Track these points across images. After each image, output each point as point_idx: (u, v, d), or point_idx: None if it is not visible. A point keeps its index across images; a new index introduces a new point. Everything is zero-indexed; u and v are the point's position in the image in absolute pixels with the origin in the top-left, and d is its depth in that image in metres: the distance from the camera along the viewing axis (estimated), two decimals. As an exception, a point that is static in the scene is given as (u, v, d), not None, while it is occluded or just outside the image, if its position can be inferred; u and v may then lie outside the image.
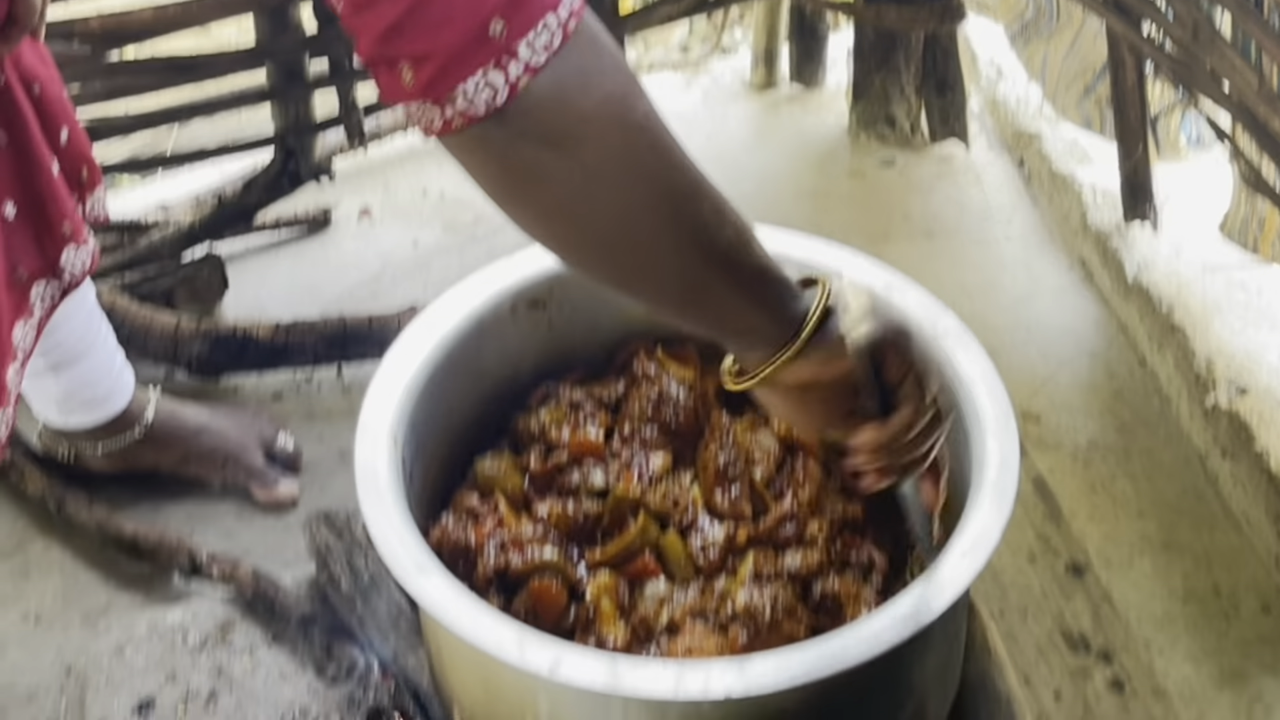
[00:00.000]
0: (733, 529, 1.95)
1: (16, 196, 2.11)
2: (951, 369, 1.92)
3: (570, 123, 1.30)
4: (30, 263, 2.16)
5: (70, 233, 2.21)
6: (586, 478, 2.00)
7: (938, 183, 3.73)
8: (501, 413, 2.08)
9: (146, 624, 2.40)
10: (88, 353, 2.55)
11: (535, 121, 1.28)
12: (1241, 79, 2.57)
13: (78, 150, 2.38)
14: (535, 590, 1.88)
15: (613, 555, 1.92)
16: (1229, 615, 2.55)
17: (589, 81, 1.30)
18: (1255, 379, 2.74)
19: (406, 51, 1.24)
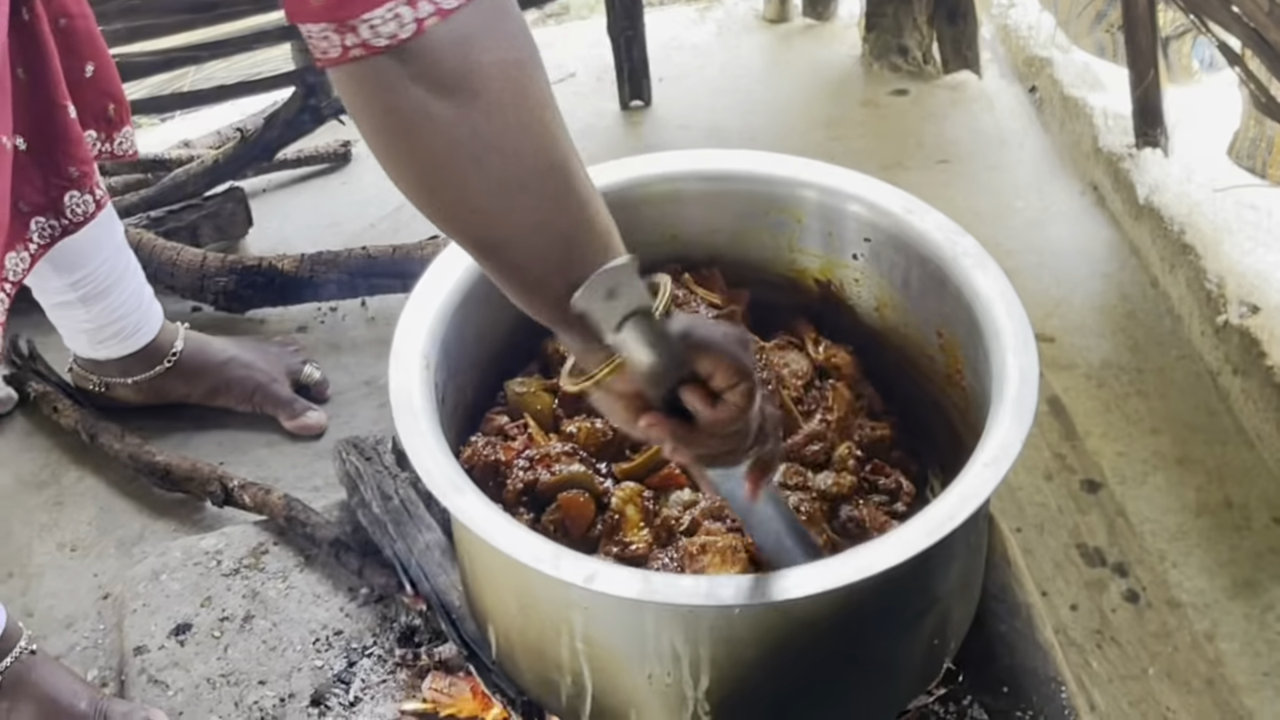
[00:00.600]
0: None
1: (27, 132, 2.14)
2: (970, 289, 1.95)
3: (468, 74, 1.27)
4: (33, 197, 2.19)
5: (77, 177, 2.24)
6: None
7: (950, 110, 3.75)
8: (530, 338, 2.11)
9: (181, 551, 2.43)
10: (117, 284, 2.59)
11: (433, 65, 1.25)
12: (1251, 2, 2.58)
13: (104, 86, 2.41)
14: (564, 503, 1.91)
15: (639, 466, 1.96)
16: (1241, 528, 2.58)
17: (493, 40, 1.28)
18: (1265, 297, 2.77)
19: None
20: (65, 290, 2.55)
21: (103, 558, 2.59)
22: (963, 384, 2.03)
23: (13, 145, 2.09)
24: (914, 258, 2.07)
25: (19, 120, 2.16)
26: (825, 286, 2.23)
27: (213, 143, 3.48)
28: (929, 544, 1.62)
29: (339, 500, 2.44)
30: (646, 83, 3.80)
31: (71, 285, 2.54)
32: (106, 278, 2.57)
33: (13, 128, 2.11)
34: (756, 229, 2.22)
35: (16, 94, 2.14)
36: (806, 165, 2.18)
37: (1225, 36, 2.78)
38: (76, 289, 2.55)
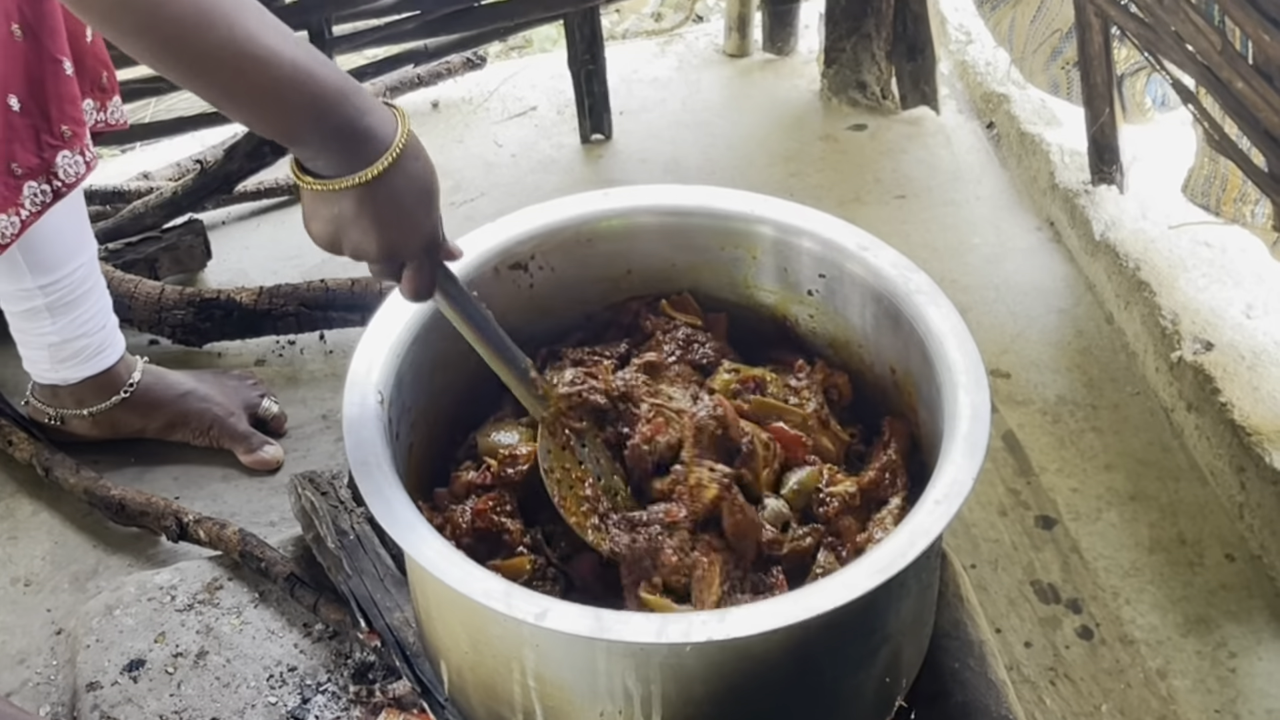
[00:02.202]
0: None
1: (22, 91, 2.14)
2: (923, 325, 1.96)
3: None
4: (26, 159, 2.20)
5: (70, 136, 2.24)
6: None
7: (908, 145, 3.77)
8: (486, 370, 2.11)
9: (135, 586, 2.42)
10: (85, 298, 2.60)
11: None
12: (1205, 41, 2.61)
13: (100, 54, 2.43)
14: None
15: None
16: (1194, 564, 2.60)
17: None
18: (1219, 334, 2.79)
19: None
20: (35, 294, 2.54)
21: (56, 592, 2.58)
22: (917, 421, 2.04)
23: (4, 105, 2.10)
24: (868, 294, 2.08)
25: (13, 79, 2.16)
26: (781, 322, 2.24)
27: (172, 175, 3.47)
28: (879, 582, 1.63)
29: (294, 535, 2.44)
30: (607, 116, 3.81)
31: (43, 289, 2.54)
32: (78, 288, 2.58)
33: (5, 87, 2.12)
34: (712, 264, 2.23)
35: (12, 52, 2.15)
36: (762, 201, 2.19)
37: (1179, 74, 2.80)
38: (47, 294, 2.54)
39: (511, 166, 3.74)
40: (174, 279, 3.19)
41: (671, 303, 2.22)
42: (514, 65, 4.25)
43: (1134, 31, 2.89)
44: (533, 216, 2.18)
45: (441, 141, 3.80)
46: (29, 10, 2.18)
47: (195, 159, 3.47)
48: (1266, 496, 2.53)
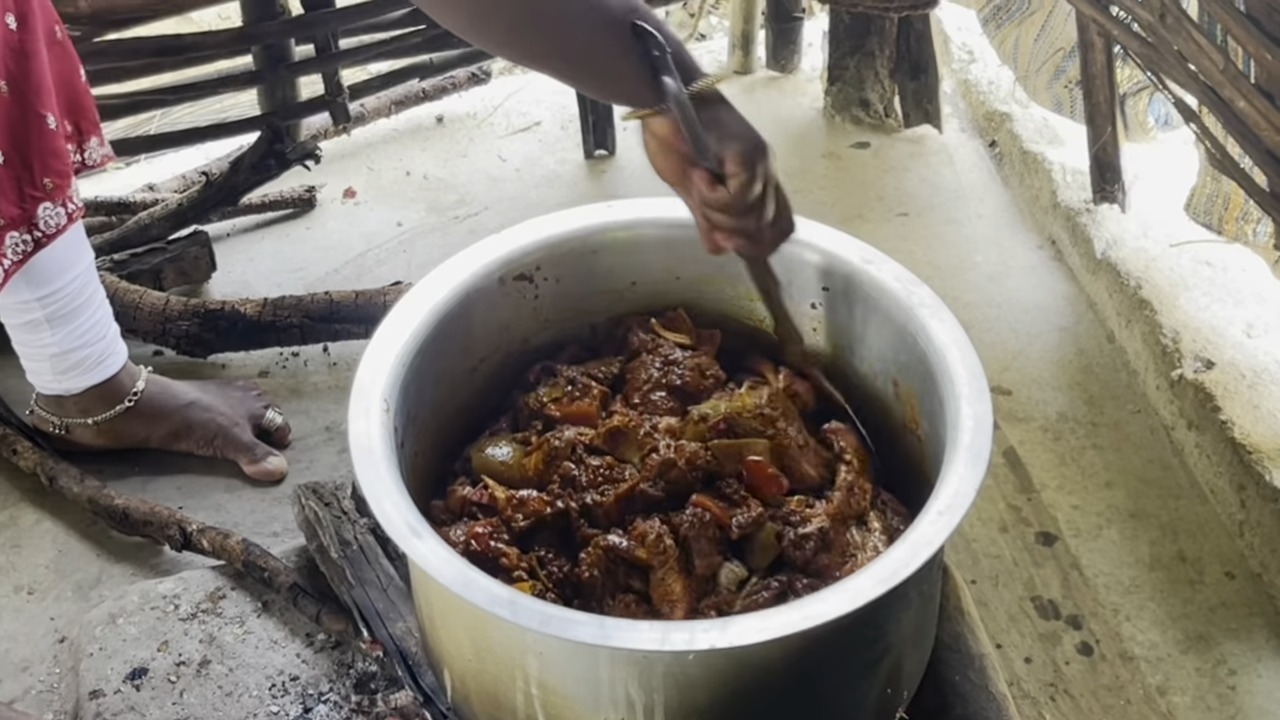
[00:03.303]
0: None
1: (5, 144, 2.15)
2: (926, 338, 1.97)
3: None
4: (8, 210, 2.20)
5: (51, 189, 2.25)
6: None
7: (911, 163, 3.78)
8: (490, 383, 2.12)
9: (139, 594, 2.42)
10: (84, 307, 2.60)
11: None
12: (1207, 60, 2.62)
13: (84, 98, 2.44)
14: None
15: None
16: (1194, 582, 2.61)
17: None
18: (1220, 353, 2.80)
19: None
20: (34, 307, 2.55)
21: (60, 601, 2.58)
22: (919, 434, 2.04)
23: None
24: (871, 307, 2.08)
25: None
26: (784, 335, 2.24)
27: (178, 186, 3.48)
28: (882, 592, 1.63)
29: (298, 545, 2.44)
30: (610, 132, 3.82)
31: (40, 301, 2.54)
32: (75, 298, 2.58)
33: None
34: (716, 277, 2.23)
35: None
36: (766, 218, 2.20)
37: (1181, 94, 2.82)
38: (45, 305, 2.55)
39: (516, 181, 3.75)
40: (179, 290, 3.20)
41: (665, 320, 2.22)
42: (518, 81, 4.26)
43: (1136, 51, 2.91)
44: (538, 228, 2.18)
45: (446, 156, 3.82)
46: (14, 65, 2.19)
47: (201, 171, 3.49)
48: (1266, 515, 2.54)
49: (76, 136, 2.47)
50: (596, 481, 1.98)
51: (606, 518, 1.95)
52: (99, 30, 3.16)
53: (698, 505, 1.93)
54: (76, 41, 3.06)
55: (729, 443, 2.03)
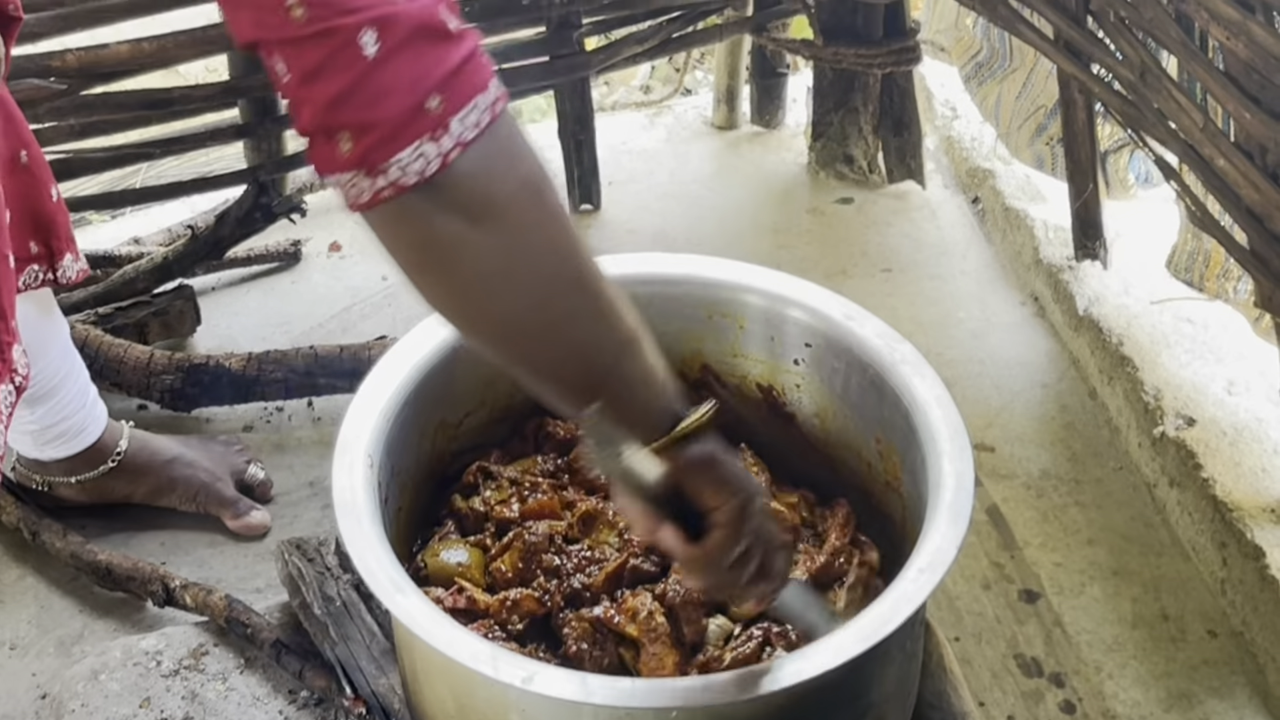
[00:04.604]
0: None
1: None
2: (908, 395, 1.98)
3: (493, 198, 1.34)
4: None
5: (15, 329, 2.22)
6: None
7: (894, 219, 3.80)
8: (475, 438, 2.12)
9: (121, 650, 2.41)
10: (62, 385, 2.59)
11: (461, 193, 1.32)
12: (1187, 118, 2.64)
13: (64, 206, 2.42)
14: None
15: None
16: (1176, 640, 2.60)
17: (512, 162, 1.36)
18: (1201, 410, 2.81)
19: (349, 121, 1.27)
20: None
21: (42, 657, 2.57)
22: (901, 490, 2.05)
23: None
24: (854, 364, 2.10)
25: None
26: (768, 392, 2.25)
27: (163, 240, 3.48)
28: (864, 649, 1.64)
29: (281, 602, 2.43)
30: (596, 187, 3.84)
31: None
32: (52, 379, 2.56)
33: None
34: (701, 333, 2.24)
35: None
36: (749, 270, 2.21)
37: (1162, 151, 2.84)
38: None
39: (501, 236, 3.75)
40: (163, 344, 3.20)
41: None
42: (505, 136, 4.27)
43: (1117, 108, 2.92)
44: (522, 285, 2.19)
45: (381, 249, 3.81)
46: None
47: (186, 224, 3.49)
48: (1248, 573, 2.54)
49: (48, 257, 2.43)
50: (582, 565, 1.99)
51: (594, 599, 1.96)
52: (86, 83, 3.17)
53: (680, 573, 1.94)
54: (63, 94, 3.09)
55: None
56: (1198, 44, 2.58)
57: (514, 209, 1.36)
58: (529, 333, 1.46)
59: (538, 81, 3.66)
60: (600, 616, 1.91)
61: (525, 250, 1.38)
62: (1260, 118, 2.41)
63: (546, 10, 3.51)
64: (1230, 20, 2.39)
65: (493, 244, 1.36)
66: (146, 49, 3.07)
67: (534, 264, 1.40)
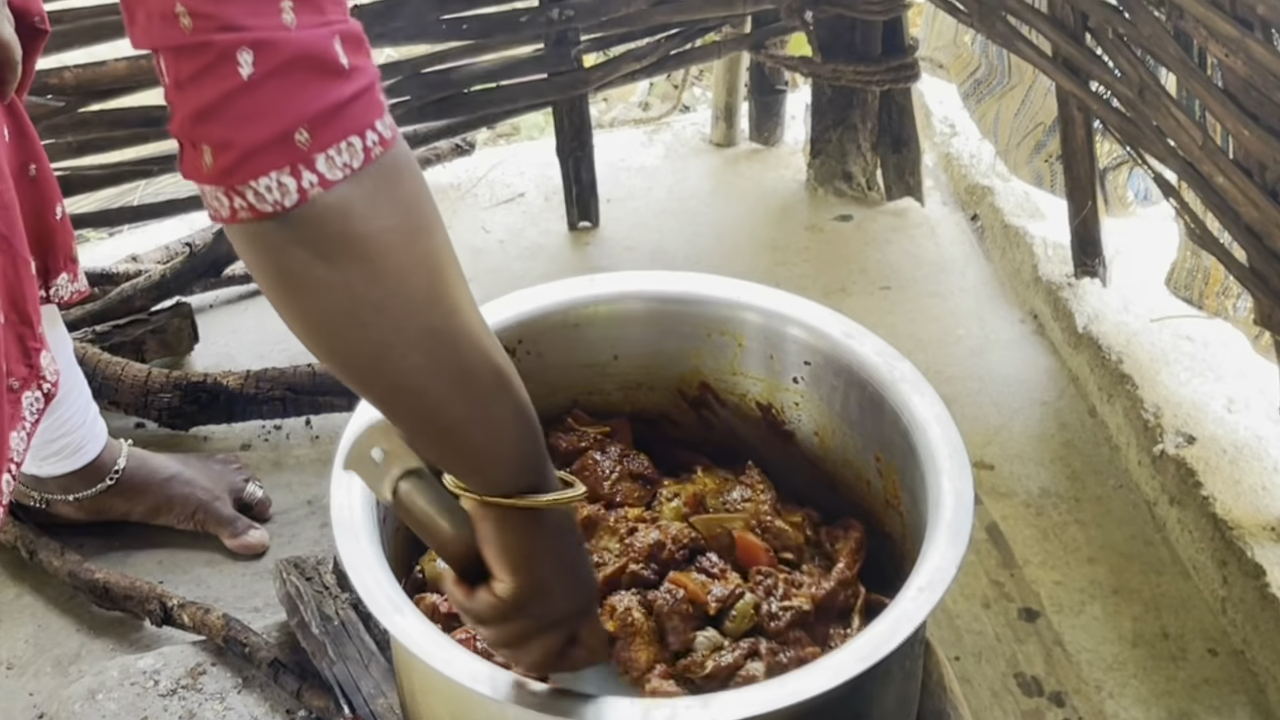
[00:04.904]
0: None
1: (4, 303, 2.13)
2: (907, 413, 1.97)
3: (349, 242, 1.31)
4: (19, 371, 2.18)
5: (42, 335, 2.23)
6: None
7: (893, 237, 3.80)
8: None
9: (118, 670, 2.40)
10: (63, 400, 2.58)
11: (318, 230, 1.29)
12: (1186, 135, 2.63)
13: (68, 224, 2.43)
14: None
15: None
16: (1177, 658, 2.60)
17: (378, 208, 1.32)
18: (1201, 427, 2.81)
19: (211, 136, 1.25)
20: None
21: (39, 676, 2.57)
22: (901, 509, 2.05)
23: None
24: (853, 382, 2.09)
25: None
26: (767, 410, 2.25)
27: (160, 257, 3.48)
28: (863, 668, 1.63)
29: (279, 621, 2.43)
30: (594, 203, 3.83)
31: None
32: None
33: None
34: (699, 351, 2.24)
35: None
36: (748, 288, 2.21)
37: (1161, 169, 2.83)
38: None
39: (499, 252, 3.76)
40: (161, 362, 3.20)
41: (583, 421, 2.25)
42: (502, 152, 4.28)
43: (1116, 125, 2.92)
44: (520, 302, 2.19)
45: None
46: (2, 219, 2.16)
47: (184, 242, 3.49)
48: (1249, 591, 2.54)
49: (42, 274, 2.43)
50: None
51: None
52: (83, 100, 3.17)
53: (674, 583, 1.94)
54: (61, 111, 3.09)
55: (711, 517, 2.04)
56: (1196, 61, 2.58)
57: (371, 254, 1.32)
58: (378, 377, 1.44)
59: (536, 98, 3.66)
60: None
61: (378, 297, 1.35)
62: (1259, 135, 2.41)
63: (544, 27, 3.51)
64: (1229, 37, 2.39)
65: (341, 284, 1.32)
66: (144, 66, 3.06)
67: (387, 311, 1.36)
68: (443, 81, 3.53)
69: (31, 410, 2.19)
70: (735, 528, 2.05)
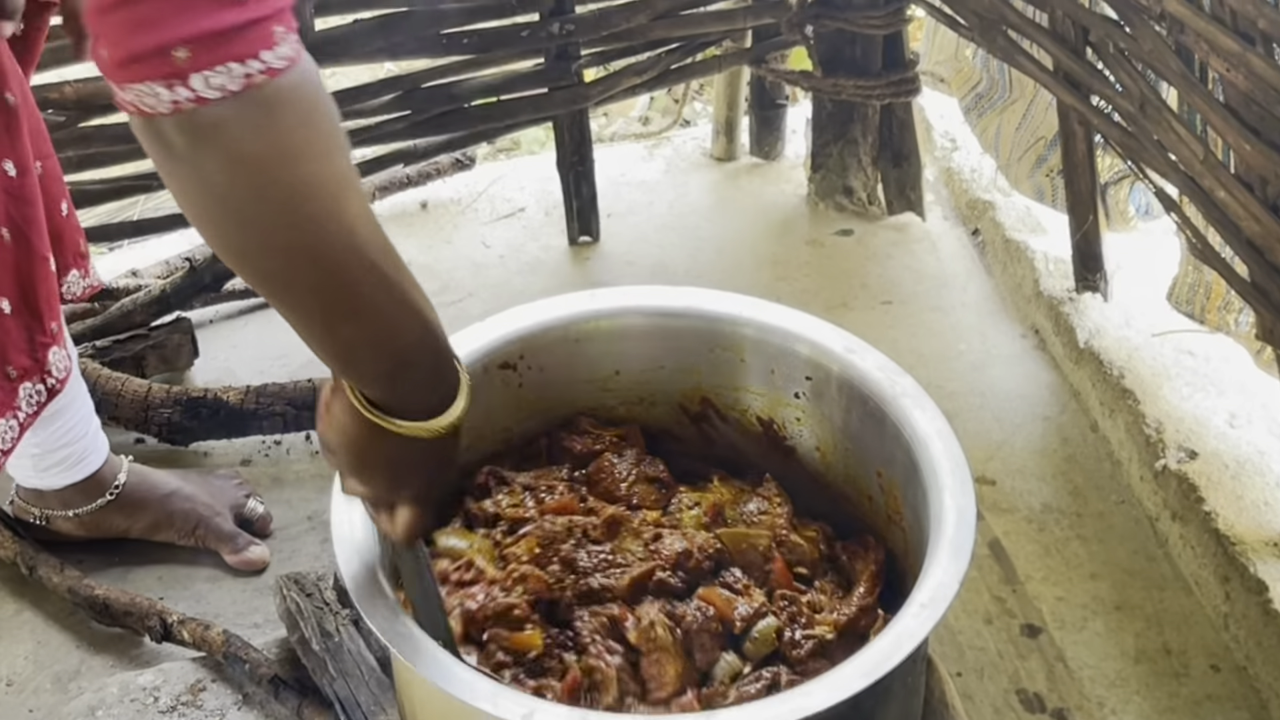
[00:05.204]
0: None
1: (12, 293, 2.14)
2: (909, 429, 1.97)
3: (216, 155, 1.37)
4: (20, 360, 2.18)
5: (56, 331, 2.24)
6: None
7: (894, 251, 3.80)
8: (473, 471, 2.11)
9: (118, 686, 2.40)
10: (67, 409, 2.58)
11: (185, 140, 1.35)
12: (1187, 150, 2.63)
13: (76, 221, 2.43)
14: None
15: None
16: (1179, 675, 2.59)
17: (250, 131, 1.36)
18: (1203, 443, 2.80)
19: (108, 34, 1.31)
20: None
21: (39, 693, 2.56)
22: (903, 524, 2.04)
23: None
24: (854, 397, 2.09)
25: (4, 282, 2.16)
26: (768, 425, 2.24)
27: (161, 272, 3.48)
28: (866, 685, 1.62)
29: (279, 637, 2.42)
30: (595, 218, 3.83)
31: None
32: (58, 401, 2.56)
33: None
34: (700, 366, 2.24)
35: (1, 256, 2.15)
36: (749, 303, 2.21)
37: (1162, 183, 2.83)
38: None
39: (499, 267, 3.76)
40: (161, 377, 3.19)
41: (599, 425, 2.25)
42: (503, 166, 4.28)
43: (1117, 140, 2.92)
44: (522, 316, 2.19)
45: (430, 242, 3.82)
46: (16, 212, 2.18)
47: (184, 257, 3.49)
48: (1251, 607, 2.53)
49: (83, 261, 2.47)
50: (601, 566, 1.97)
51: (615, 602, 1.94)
52: (84, 115, 3.17)
53: (704, 600, 1.93)
54: (61, 126, 3.09)
55: (737, 531, 2.03)
56: (1197, 76, 2.58)
57: (241, 172, 1.38)
58: (241, 270, 1.54)
59: (536, 113, 3.66)
60: (616, 614, 1.89)
61: (239, 207, 1.42)
62: (1260, 149, 2.41)
63: (545, 41, 3.51)
64: (1230, 52, 2.39)
65: (209, 190, 1.41)
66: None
67: (250, 223, 1.43)
68: (443, 96, 3.53)
69: (29, 402, 2.20)
70: (762, 544, 2.03)
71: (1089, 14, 2.90)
